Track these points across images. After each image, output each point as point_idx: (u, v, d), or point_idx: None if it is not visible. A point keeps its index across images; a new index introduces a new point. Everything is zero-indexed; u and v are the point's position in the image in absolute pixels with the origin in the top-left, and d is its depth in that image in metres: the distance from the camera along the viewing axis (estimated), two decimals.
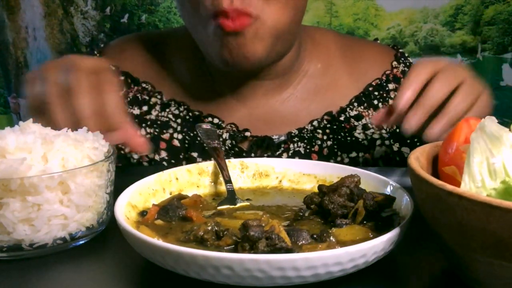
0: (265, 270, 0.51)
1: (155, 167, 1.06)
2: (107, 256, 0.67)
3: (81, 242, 0.68)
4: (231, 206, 0.74)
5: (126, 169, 1.05)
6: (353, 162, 1.10)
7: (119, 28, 2.25)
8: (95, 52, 1.24)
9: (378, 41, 1.37)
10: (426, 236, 0.61)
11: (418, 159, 0.61)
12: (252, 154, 1.09)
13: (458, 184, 0.54)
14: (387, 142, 1.13)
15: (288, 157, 1.08)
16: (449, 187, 0.51)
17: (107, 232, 0.71)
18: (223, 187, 0.80)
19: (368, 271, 0.57)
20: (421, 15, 2.14)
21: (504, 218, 0.47)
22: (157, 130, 1.11)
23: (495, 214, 0.47)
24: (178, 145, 1.10)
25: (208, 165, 0.82)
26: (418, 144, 1.12)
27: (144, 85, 1.16)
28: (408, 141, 1.14)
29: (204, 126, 0.95)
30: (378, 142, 1.12)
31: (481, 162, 0.54)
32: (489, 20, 2.09)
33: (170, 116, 1.13)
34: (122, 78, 1.17)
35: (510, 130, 0.57)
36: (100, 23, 2.26)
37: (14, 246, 0.63)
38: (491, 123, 0.57)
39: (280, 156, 1.09)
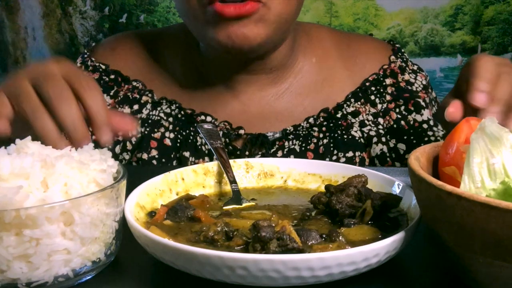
0: (280, 270, 0.51)
1: (158, 167, 1.06)
2: (114, 281, 0.61)
3: (86, 279, 0.60)
4: (237, 206, 0.74)
5: (130, 169, 1.04)
6: (349, 162, 1.08)
7: (118, 28, 2.25)
8: (86, 51, 1.23)
9: (373, 36, 1.37)
10: (426, 236, 0.61)
11: (418, 159, 0.61)
12: (247, 153, 1.08)
13: (458, 184, 0.54)
14: (383, 139, 1.12)
15: (283, 155, 1.07)
16: (449, 187, 0.51)
17: (115, 265, 0.64)
18: (228, 187, 0.80)
19: (368, 272, 0.57)
20: (421, 15, 2.14)
21: (503, 219, 0.47)
22: (147, 129, 1.10)
23: (494, 214, 0.47)
24: (170, 144, 1.09)
25: (213, 165, 0.83)
26: (414, 141, 1.12)
27: (134, 83, 1.15)
28: (405, 137, 1.14)
29: (206, 126, 0.95)
30: (375, 139, 1.11)
31: (481, 163, 0.54)
32: (489, 20, 2.10)
33: (162, 115, 1.12)
34: (112, 76, 1.16)
35: (510, 130, 0.57)
36: (99, 23, 2.26)
37: (8, 286, 0.55)
38: (491, 123, 0.57)
39: (275, 154, 1.08)
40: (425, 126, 1.13)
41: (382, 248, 0.55)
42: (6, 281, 0.55)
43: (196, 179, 0.80)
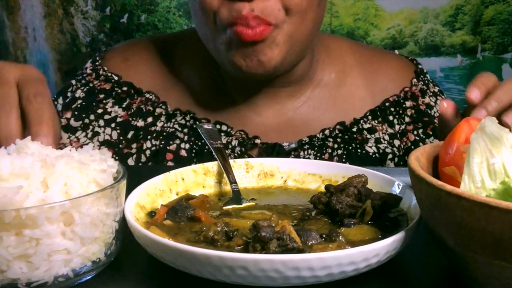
0: (280, 270, 0.51)
1: (160, 167, 1.06)
2: (114, 281, 0.61)
3: (86, 279, 0.60)
4: (237, 206, 0.74)
5: (130, 169, 1.05)
6: None
7: (119, 28, 2.24)
8: (97, 58, 1.21)
9: (396, 52, 1.35)
10: (426, 236, 0.61)
11: (418, 159, 0.61)
12: None
13: (458, 184, 0.54)
14: (396, 159, 1.13)
15: None
16: (449, 187, 0.51)
17: (115, 265, 0.64)
18: (228, 187, 0.80)
19: (368, 272, 0.57)
20: (421, 15, 2.14)
21: (503, 219, 0.47)
22: (163, 142, 1.09)
23: (494, 214, 0.48)
24: (185, 155, 1.08)
25: (213, 165, 0.83)
26: None
27: (147, 95, 1.14)
28: None
29: (206, 126, 0.95)
30: (390, 156, 1.12)
31: (481, 163, 0.55)
32: (489, 20, 2.10)
33: (176, 126, 1.11)
34: (125, 88, 1.15)
35: (510, 130, 0.57)
36: (100, 23, 2.26)
37: (8, 286, 0.55)
38: (491, 123, 0.57)
39: None
40: None
41: (382, 248, 0.55)
42: (6, 281, 0.55)
43: (196, 179, 0.80)
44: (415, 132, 1.15)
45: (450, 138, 0.63)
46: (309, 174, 0.83)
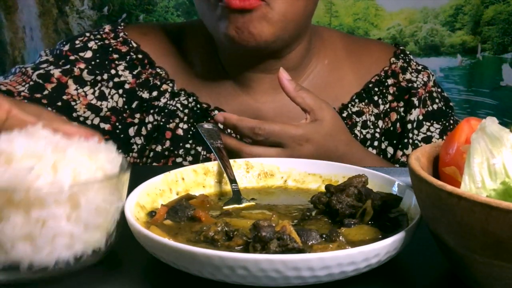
0: (281, 270, 0.51)
1: (160, 167, 1.06)
2: (114, 281, 0.61)
3: (85, 266, 0.60)
4: (237, 206, 0.74)
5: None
6: None
7: None
8: (119, 23, 1.26)
9: (381, 40, 1.41)
10: (426, 236, 0.61)
11: (418, 159, 0.61)
12: None
13: (458, 184, 0.54)
14: (376, 142, 1.18)
15: None
16: (449, 187, 0.51)
17: (115, 264, 0.64)
18: (228, 187, 0.80)
19: (368, 272, 0.57)
20: (421, 15, 2.15)
21: (504, 219, 0.47)
22: (164, 119, 1.13)
23: (495, 214, 0.47)
24: (182, 134, 1.12)
25: (213, 165, 0.83)
26: (400, 146, 1.19)
27: (159, 70, 1.18)
28: (394, 141, 1.20)
29: (206, 125, 0.95)
30: (368, 142, 1.17)
31: (482, 163, 0.54)
32: (489, 20, 2.11)
33: (178, 105, 1.14)
34: (140, 56, 1.18)
35: (510, 130, 0.57)
36: (97, 23, 2.26)
37: (10, 267, 0.55)
38: (492, 123, 0.57)
39: None
40: (409, 126, 1.19)
41: (383, 248, 0.55)
42: (8, 263, 0.55)
43: (196, 179, 0.80)
44: (398, 110, 1.20)
45: (450, 138, 0.63)
46: (309, 174, 0.83)
